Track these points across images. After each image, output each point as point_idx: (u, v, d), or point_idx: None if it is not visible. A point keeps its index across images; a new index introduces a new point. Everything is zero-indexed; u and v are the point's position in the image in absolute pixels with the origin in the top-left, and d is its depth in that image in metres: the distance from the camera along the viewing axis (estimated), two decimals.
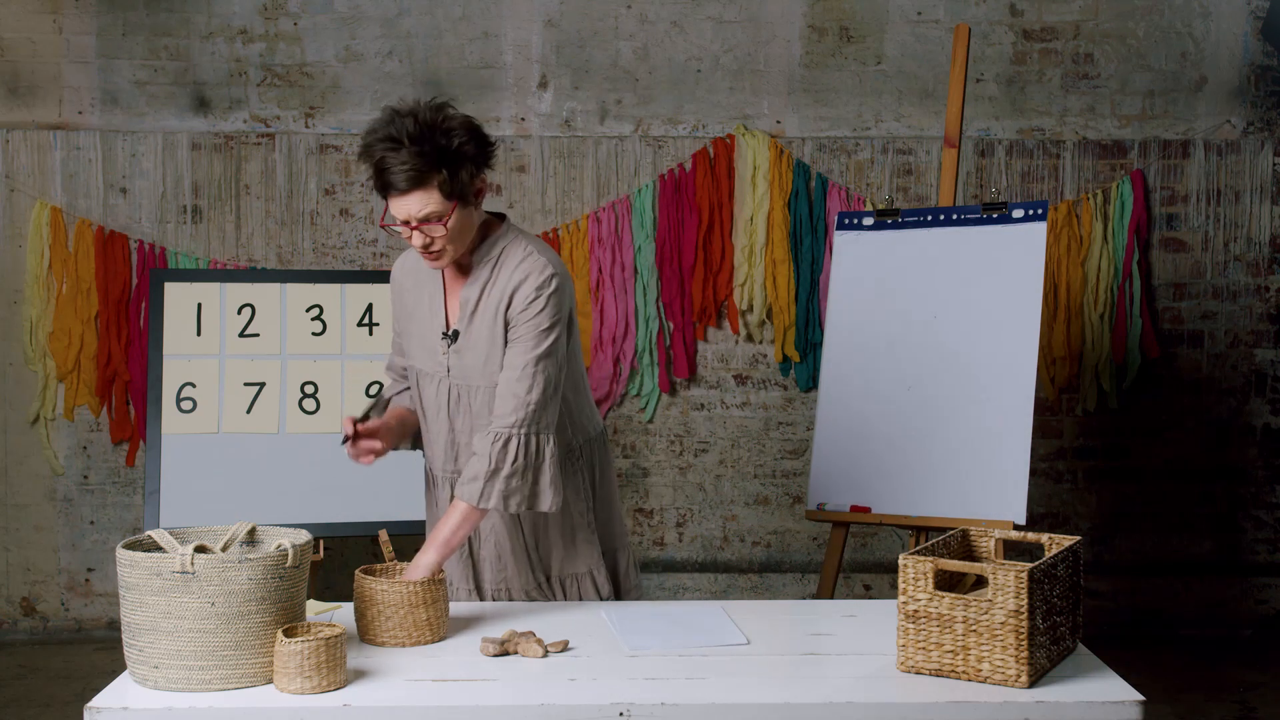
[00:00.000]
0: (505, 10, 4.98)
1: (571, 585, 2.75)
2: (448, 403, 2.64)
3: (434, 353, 2.65)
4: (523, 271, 2.55)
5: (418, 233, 2.47)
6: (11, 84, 4.95)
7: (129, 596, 2.05)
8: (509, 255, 2.59)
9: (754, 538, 5.12)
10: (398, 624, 2.29)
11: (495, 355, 2.57)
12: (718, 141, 5.00)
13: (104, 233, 4.91)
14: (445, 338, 2.62)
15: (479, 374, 2.60)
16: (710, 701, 1.99)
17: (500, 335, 2.57)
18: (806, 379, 5.03)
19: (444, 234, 2.47)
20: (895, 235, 3.98)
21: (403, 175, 2.41)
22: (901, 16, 5.01)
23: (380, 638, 2.30)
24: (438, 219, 2.45)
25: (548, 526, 2.72)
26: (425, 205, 2.44)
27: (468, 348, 2.60)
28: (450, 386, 2.63)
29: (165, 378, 3.96)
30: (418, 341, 2.68)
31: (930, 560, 2.09)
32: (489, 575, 2.72)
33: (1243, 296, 5.08)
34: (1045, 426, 5.03)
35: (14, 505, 5.01)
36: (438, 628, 2.34)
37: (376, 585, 2.31)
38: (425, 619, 2.31)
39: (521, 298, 2.54)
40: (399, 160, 2.40)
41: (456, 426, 2.65)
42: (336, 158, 4.99)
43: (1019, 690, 2.02)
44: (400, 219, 2.47)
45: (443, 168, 2.43)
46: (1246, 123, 5.05)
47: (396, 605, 2.29)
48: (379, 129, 2.45)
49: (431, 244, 2.49)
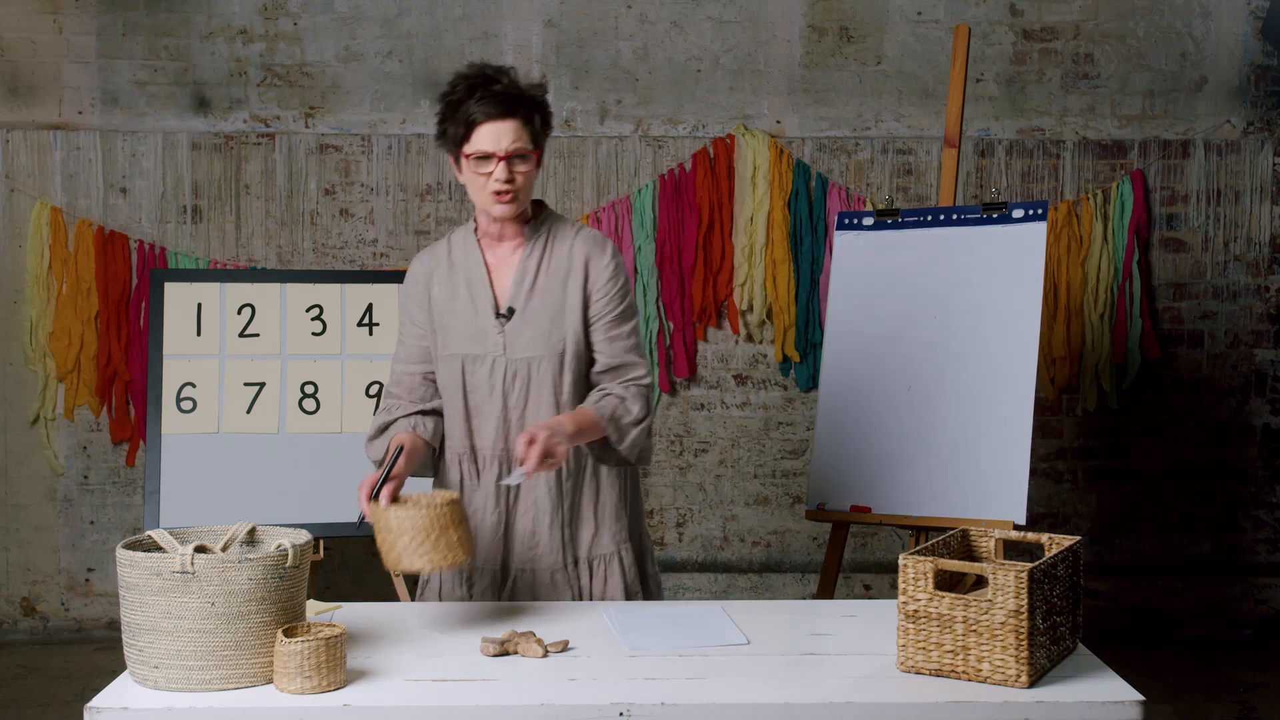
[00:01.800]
0: (505, 10, 4.99)
1: (599, 566, 2.74)
2: (503, 381, 2.65)
3: (485, 334, 2.66)
4: (585, 243, 2.67)
5: (503, 165, 2.53)
6: (11, 84, 4.95)
7: (129, 596, 2.05)
8: (559, 230, 2.69)
9: (754, 538, 5.12)
10: (431, 546, 2.31)
11: (560, 323, 2.64)
12: (718, 141, 5.00)
13: (104, 233, 4.91)
14: (500, 317, 2.65)
15: (542, 344, 2.63)
16: (710, 701, 1.99)
17: (573, 304, 2.64)
18: (806, 379, 5.03)
19: (527, 171, 2.56)
20: (895, 235, 3.98)
21: (501, 102, 2.51)
22: (901, 16, 5.01)
23: (409, 564, 2.32)
24: (524, 157, 2.55)
25: (583, 503, 2.72)
26: (517, 138, 2.53)
27: (528, 322, 2.64)
28: (506, 364, 2.65)
29: (165, 378, 3.96)
30: (461, 330, 2.67)
31: (930, 560, 2.09)
32: (518, 551, 2.69)
33: (1243, 296, 5.08)
34: (1045, 426, 5.03)
35: (14, 505, 5.01)
36: (469, 547, 2.38)
37: (403, 512, 2.32)
38: (457, 539, 2.34)
39: (600, 269, 2.65)
40: (495, 92, 2.51)
41: (510, 404, 2.65)
42: (336, 158, 4.99)
43: (1019, 690, 2.02)
44: (488, 150, 2.52)
45: (534, 112, 2.57)
46: (1246, 123, 5.05)
47: (429, 529, 2.31)
48: (468, 72, 2.56)
49: (512, 180, 2.55)
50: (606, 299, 2.66)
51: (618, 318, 2.67)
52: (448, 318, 2.69)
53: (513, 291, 2.65)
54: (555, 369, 2.64)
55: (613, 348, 2.66)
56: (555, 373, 2.64)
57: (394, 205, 5.00)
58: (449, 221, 5.00)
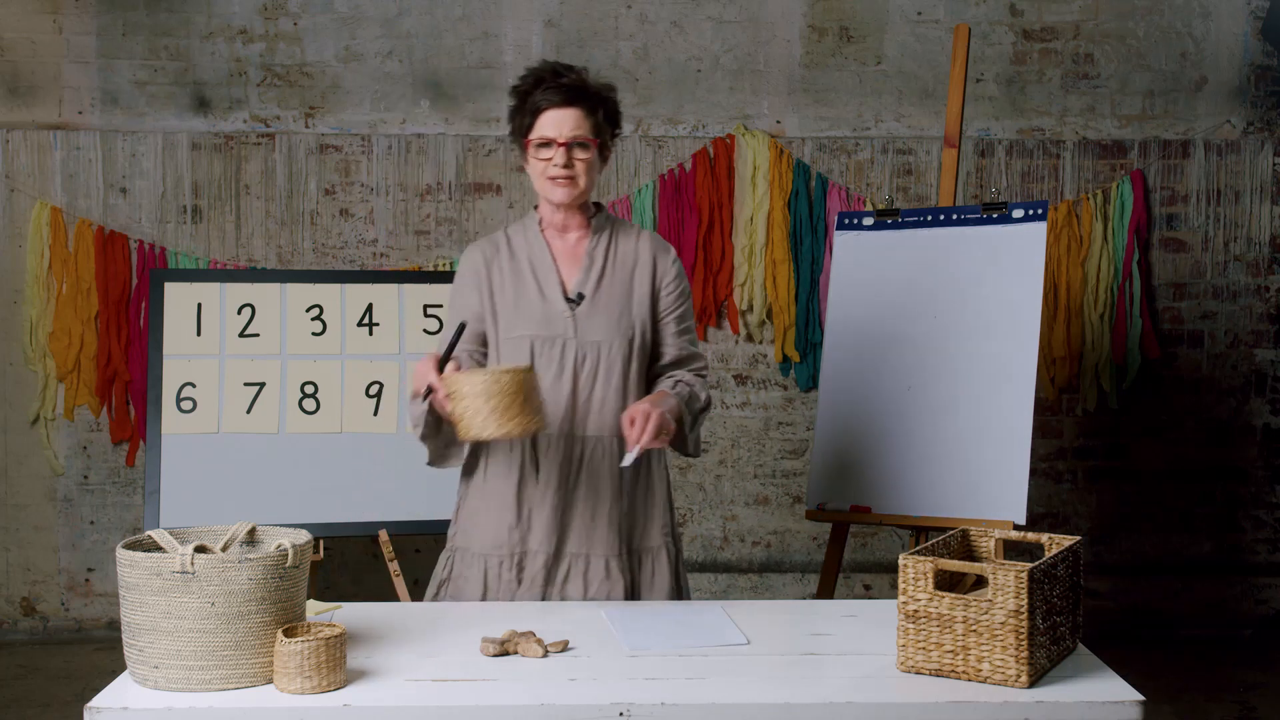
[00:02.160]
0: (505, 10, 4.98)
1: (646, 559, 2.78)
2: (574, 363, 2.71)
3: (555, 318, 2.72)
4: (651, 241, 2.81)
5: (562, 151, 2.63)
6: (11, 84, 4.95)
7: (129, 596, 2.05)
8: (621, 227, 2.82)
9: (754, 538, 5.12)
10: (503, 412, 2.34)
11: (628, 311, 2.74)
12: (718, 141, 5.00)
13: (104, 233, 4.91)
14: (570, 302, 2.72)
15: (613, 330, 2.72)
16: (710, 701, 1.99)
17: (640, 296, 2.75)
18: (806, 379, 5.03)
19: (587, 158, 2.66)
20: (895, 235, 3.98)
21: (564, 91, 2.63)
22: (901, 16, 5.01)
23: (490, 429, 2.35)
24: (584, 144, 2.65)
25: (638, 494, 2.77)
26: (579, 126, 2.64)
27: (598, 308, 2.72)
28: (576, 347, 2.71)
29: (165, 378, 3.96)
30: (527, 313, 2.72)
31: (930, 560, 2.09)
32: (574, 539, 2.71)
33: (1243, 296, 5.08)
34: (1045, 426, 5.03)
35: (14, 505, 5.01)
36: (544, 416, 2.45)
37: (478, 378, 2.35)
38: (534, 406, 2.39)
39: (667, 266, 2.79)
40: (561, 83, 2.64)
41: (580, 385, 2.71)
42: (336, 158, 4.99)
43: (1019, 690, 2.02)
44: (549, 136, 2.64)
45: (598, 106, 2.68)
46: (1246, 123, 5.05)
47: (503, 394, 2.34)
48: (538, 66, 2.70)
49: (572, 167, 2.65)
50: (676, 295, 2.79)
51: (683, 315, 2.82)
52: (512, 301, 2.74)
53: (581, 278, 2.74)
54: (625, 354, 2.73)
55: (680, 341, 2.80)
56: (625, 358, 2.73)
57: (394, 205, 5.00)
58: (449, 221, 5.00)
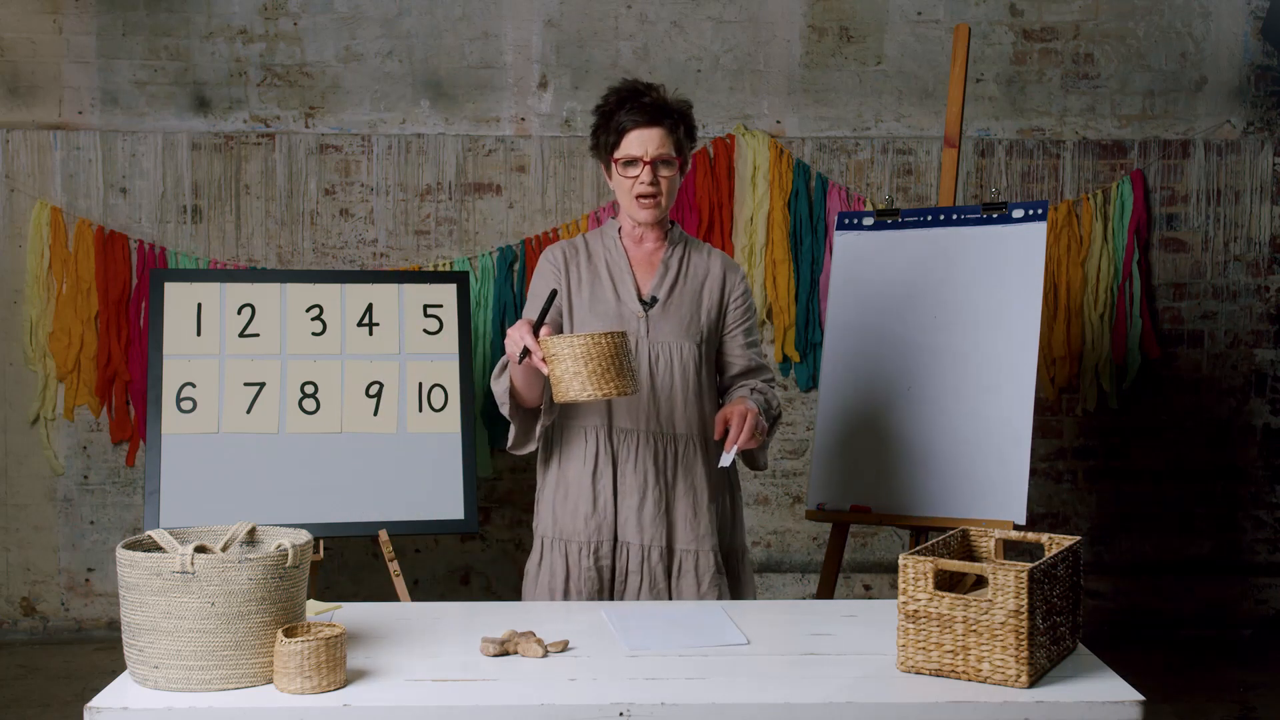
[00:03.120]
0: (505, 10, 4.99)
1: (734, 559, 2.92)
2: (649, 361, 2.82)
3: (629, 319, 2.83)
4: (722, 259, 2.93)
5: (648, 169, 2.74)
6: (11, 84, 4.95)
7: (129, 596, 2.05)
8: (694, 243, 2.94)
9: (754, 538, 5.12)
10: (598, 374, 2.40)
11: (697, 318, 2.86)
12: (718, 141, 5.00)
13: (104, 233, 4.91)
14: (644, 304, 2.84)
15: (683, 333, 2.84)
16: (710, 701, 1.99)
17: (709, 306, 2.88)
18: (806, 379, 5.03)
19: (670, 176, 2.77)
20: (895, 235, 3.98)
21: (648, 110, 2.73)
22: (901, 16, 5.01)
23: (584, 391, 2.40)
24: (668, 162, 2.76)
25: (725, 493, 2.90)
26: (663, 145, 2.75)
27: (670, 312, 2.84)
28: (649, 347, 2.82)
29: (165, 378, 3.96)
30: (602, 311, 2.83)
31: (930, 560, 2.09)
32: (681, 534, 2.82)
33: (1243, 296, 5.08)
34: (1045, 426, 5.03)
35: (14, 505, 5.01)
36: (636, 380, 2.49)
37: (572, 340, 2.41)
38: (626, 369, 2.44)
39: (737, 282, 2.92)
40: (644, 103, 2.74)
41: (658, 383, 2.82)
42: (336, 158, 4.99)
43: (1019, 690, 2.02)
44: (635, 154, 2.74)
45: (680, 123, 2.79)
46: (1246, 123, 5.05)
47: (599, 357, 2.40)
48: (620, 86, 2.79)
49: (657, 184, 2.76)
50: (744, 309, 2.92)
51: (750, 329, 2.94)
52: (589, 299, 2.85)
53: (655, 283, 2.86)
54: (696, 356, 2.83)
55: (749, 353, 2.92)
56: (696, 359, 2.83)
57: (394, 205, 5.00)
58: (449, 221, 5.00)
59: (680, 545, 2.81)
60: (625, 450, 2.81)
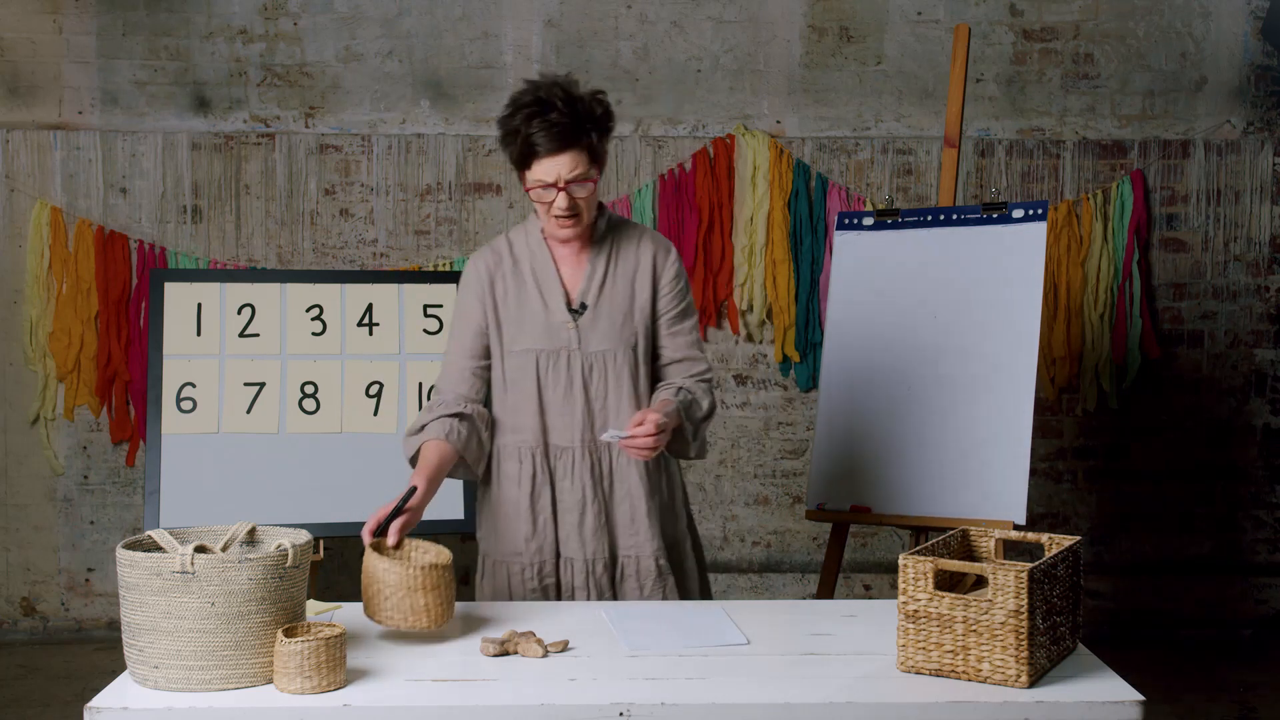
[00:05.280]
0: (505, 10, 4.98)
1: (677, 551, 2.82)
2: (582, 374, 2.71)
3: (558, 330, 2.71)
4: (651, 242, 2.77)
5: (563, 194, 2.59)
6: (11, 84, 4.95)
7: (129, 596, 2.05)
8: (623, 230, 2.78)
9: (754, 538, 5.12)
10: (395, 605, 2.25)
11: (631, 319, 2.73)
12: (718, 141, 5.00)
13: (104, 233, 4.91)
14: (572, 312, 2.71)
15: (615, 338, 2.71)
16: (710, 701, 1.99)
17: (642, 301, 2.74)
18: (806, 379, 5.03)
19: (588, 195, 2.62)
20: (895, 235, 3.98)
21: (555, 136, 2.55)
22: (901, 16, 5.01)
23: (377, 615, 2.28)
24: (584, 180, 2.60)
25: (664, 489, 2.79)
26: (575, 166, 2.58)
27: (601, 316, 2.72)
28: (582, 358, 2.71)
29: (165, 378, 3.96)
30: (532, 325, 2.72)
31: (930, 560, 2.09)
32: (623, 542, 2.75)
33: (1243, 296, 5.08)
34: (1045, 426, 5.03)
35: (14, 505, 5.01)
36: (436, 615, 2.28)
37: (379, 563, 2.27)
38: (424, 604, 2.26)
39: (666, 267, 2.76)
40: (550, 122, 2.55)
41: (592, 395, 2.71)
42: (336, 158, 4.99)
43: (1019, 690, 2.02)
44: (549, 181, 2.58)
45: (590, 132, 2.60)
46: (1246, 123, 5.05)
47: (396, 586, 2.25)
48: (523, 98, 2.60)
49: (575, 206, 2.61)
50: (672, 295, 2.76)
51: (680, 314, 2.78)
52: (515, 313, 2.74)
53: (584, 287, 2.73)
54: (630, 361, 2.72)
55: (676, 342, 2.78)
56: (631, 365, 2.72)
57: (394, 205, 5.00)
58: (449, 221, 5.00)
59: (622, 553, 2.74)
60: (562, 468, 2.72)
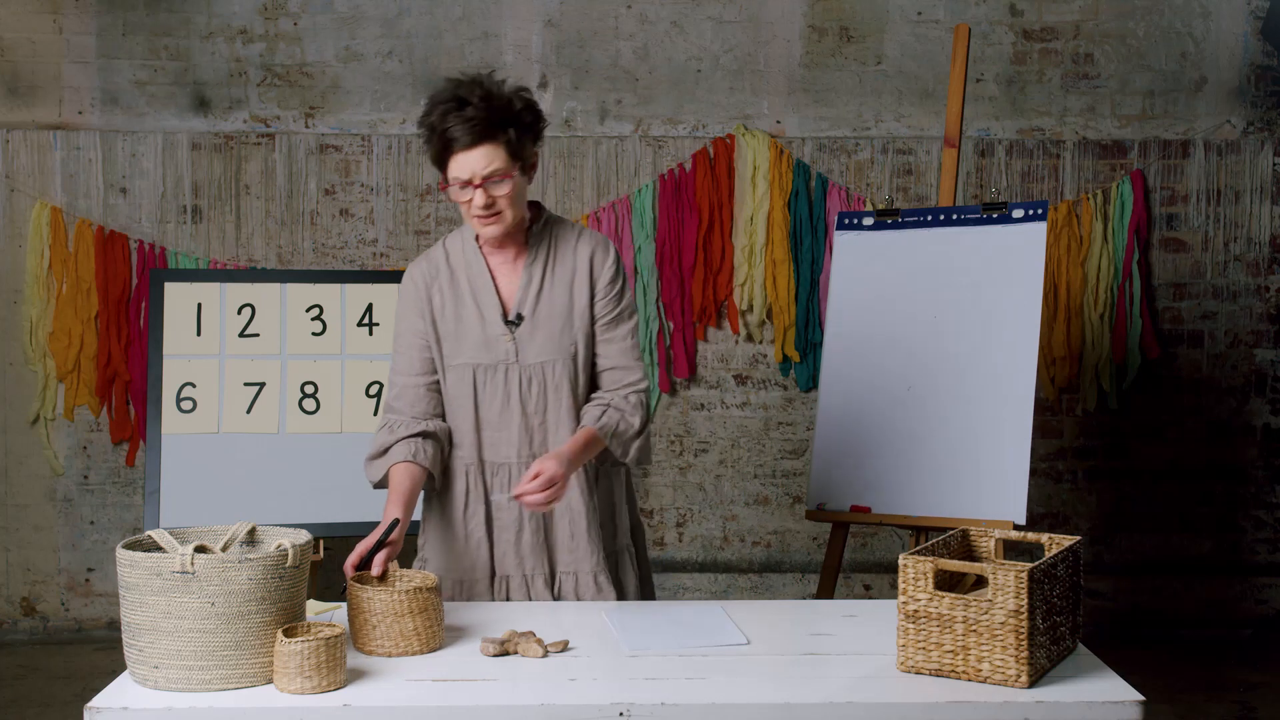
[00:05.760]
0: (505, 10, 4.98)
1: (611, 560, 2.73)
2: (519, 388, 2.63)
3: (495, 342, 2.63)
4: (588, 244, 2.67)
5: (479, 192, 2.50)
6: (11, 84, 4.95)
7: (129, 596, 2.05)
8: (560, 233, 2.68)
9: (754, 538, 5.12)
10: (384, 633, 2.22)
11: (570, 327, 2.64)
12: (718, 141, 5.00)
13: (104, 233, 4.91)
14: (509, 324, 2.63)
15: (554, 349, 2.63)
16: (710, 701, 1.99)
17: (580, 306, 2.65)
18: (806, 379, 5.03)
19: (507, 192, 2.52)
20: (895, 235, 3.98)
21: (469, 129, 2.47)
22: (901, 16, 5.01)
23: (367, 646, 2.24)
24: (501, 176, 2.51)
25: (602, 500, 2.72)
26: (490, 162, 2.49)
27: (538, 326, 2.63)
28: (520, 371, 2.63)
29: (165, 378, 3.96)
30: (468, 338, 2.64)
31: (930, 560, 2.09)
32: (562, 558, 2.67)
33: (1243, 296, 5.08)
34: (1045, 426, 5.03)
35: (14, 505, 5.01)
36: (427, 639, 2.25)
37: (363, 592, 2.24)
38: (413, 629, 2.23)
39: (602, 269, 2.66)
40: (465, 117, 2.47)
41: (530, 411, 2.63)
42: (336, 158, 4.99)
43: (1019, 690, 2.02)
44: (464, 178, 2.50)
45: (508, 127, 2.51)
46: (1246, 123, 5.05)
47: (383, 614, 2.22)
48: (441, 94, 2.52)
49: (493, 204, 2.52)
50: (606, 299, 2.66)
51: (615, 319, 2.67)
52: (453, 326, 2.65)
53: (520, 297, 2.64)
54: (570, 373, 2.63)
55: (610, 350, 2.67)
56: (570, 377, 2.63)
57: (394, 205, 5.00)
58: (449, 221, 5.00)
59: (560, 569, 2.67)
60: (498, 485, 2.65)
